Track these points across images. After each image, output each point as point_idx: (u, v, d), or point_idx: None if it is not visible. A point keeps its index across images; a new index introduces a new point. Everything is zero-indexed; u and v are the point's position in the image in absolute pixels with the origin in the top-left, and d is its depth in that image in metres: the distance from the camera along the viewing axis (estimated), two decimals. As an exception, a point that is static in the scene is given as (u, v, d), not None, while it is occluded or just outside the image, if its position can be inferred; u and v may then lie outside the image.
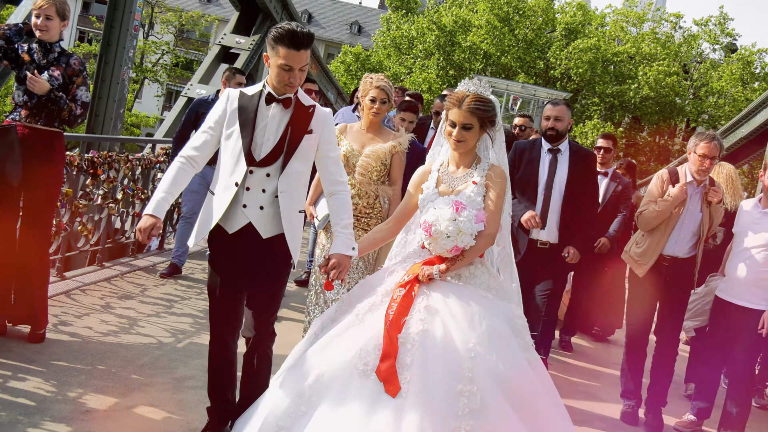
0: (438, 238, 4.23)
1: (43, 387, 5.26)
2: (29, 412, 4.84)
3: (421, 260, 4.42)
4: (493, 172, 4.49)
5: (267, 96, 4.31)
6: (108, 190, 8.71)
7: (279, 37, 4.09)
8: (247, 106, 4.30)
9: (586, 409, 6.99)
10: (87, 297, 7.65)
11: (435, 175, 4.62)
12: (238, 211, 4.31)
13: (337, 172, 4.52)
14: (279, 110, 4.31)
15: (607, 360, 9.14)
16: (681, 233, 6.39)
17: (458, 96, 4.39)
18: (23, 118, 5.89)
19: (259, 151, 4.28)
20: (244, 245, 4.36)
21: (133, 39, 10.21)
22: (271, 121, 4.30)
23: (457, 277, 4.33)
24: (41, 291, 6.08)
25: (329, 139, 4.48)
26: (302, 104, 4.37)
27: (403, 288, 4.20)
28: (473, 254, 4.36)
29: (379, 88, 6.20)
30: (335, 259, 4.32)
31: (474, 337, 3.92)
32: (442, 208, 4.27)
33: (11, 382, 5.25)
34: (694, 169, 6.31)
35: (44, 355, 5.85)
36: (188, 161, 4.33)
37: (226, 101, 4.35)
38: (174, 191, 4.29)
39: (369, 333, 4.06)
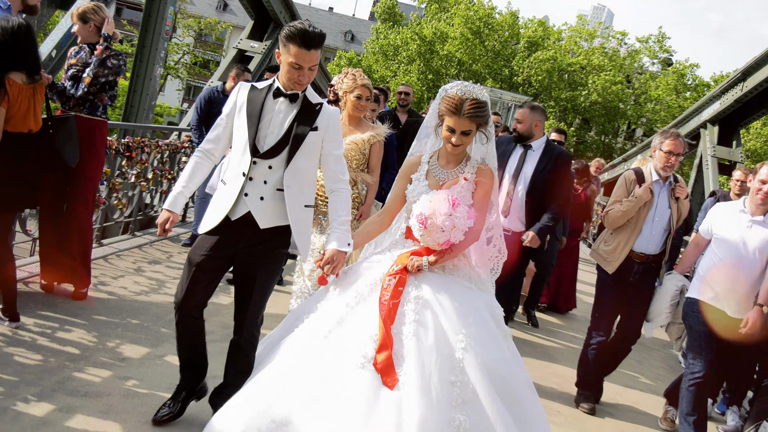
0: (433, 231, 3.82)
1: (86, 338, 5.25)
2: (74, 359, 4.83)
3: (408, 250, 4.00)
4: (483, 171, 4.09)
5: (275, 90, 3.90)
6: (140, 170, 8.72)
7: (291, 36, 3.71)
8: (255, 99, 3.91)
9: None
10: (121, 261, 7.63)
11: (425, 167, 4.17)
12: (240, 200, 3.89)
13: (339, 170, 4.07)
14: (286, 105, 3.91)
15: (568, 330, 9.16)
16: (652, 230, 5.84)
17: (455, 102, 3.92)
18: (71, 108, 5.89)
19: (263, 143, 3.87)
20: (241, 232, 3.93)
21: (164, 41, 10.19)
22: (276, 115, 3.90)
23: (441, 269, 3.95)
24: (85, 255, 6.06)
25: (334, 137, 4.03)
26: (309, 101, 3.95)
27: (393, 277, 3.76)
28: (461, 249, 3.98)
29: (365, 86, 5.89)
30: (330, 254, 3.91)
31: (463, 327, 3.57)
32: (440, 201, 3.85)
33: (58, 333, 5.23)
34: (659, 166, 5.83)
35: (86, 311, 5.84)
36: (205, 154, 4.04)
37: (237, 94, 3.99)
38: (191, 185, 4.02)
39: (363, 324, 3.62)
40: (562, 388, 6.55)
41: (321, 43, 3.79)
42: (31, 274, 6.37)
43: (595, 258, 6.15)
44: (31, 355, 4.77)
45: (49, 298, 6.01)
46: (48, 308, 5.72)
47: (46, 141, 5.22)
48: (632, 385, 7.24)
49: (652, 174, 5.85)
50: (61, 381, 4.47)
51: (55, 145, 5.25)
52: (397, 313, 3.61)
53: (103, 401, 4.29)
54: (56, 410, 4.10)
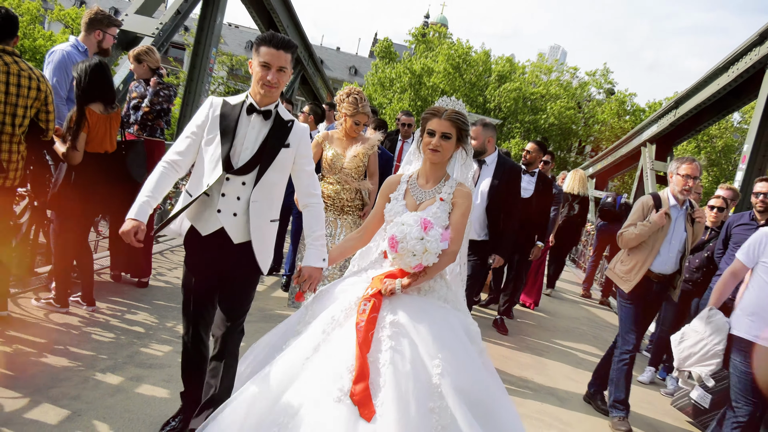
0: (404, 255, 3.18)
1: (149, 319, 5.24)
2: (141, 337, 4.82)
3: (383, 272, 3.35)
4: (460, 191, 3.40)
5: (248, 107, 3.26)
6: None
7: (261, 39, 3.22)
8: (230, 115, 3.25)
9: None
10: (175, 256, 7.63)
11: (404, 186, 3.49)
12: (212, 216, 3.25)
13: (311, 185, 3.44)
14: (259, 121, 3.26)
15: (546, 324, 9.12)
16: (669, 252, 5.15)
17: (438, 108, 3.38)
18: (136, 132, 5.92)
19: (237, 159, 3.22)
20: (215, 248, 3.29)
21: (208, 76, 10.19)
22: (250, 131, 3.25)
23: (417, 290, 3.30)
24: (147, 251, 6.06)
25: (305, 153, 3.38)
26: (282, 118, 3.32)
27: (368, 302, 3.11)
28: (435, 271, 3.31)
29: (364, 114, 5.45)
30: (306, 271, 3.35)
31: (439, 351, 2.98)
32: (411, 225, 3.20)
33: (127, 315, 5.22)
34: (677, 190, 5.11)
35: (148, 297, 5.82)
36: (171, 165, 3.27)
37: (209, 107, 3.29)
38: (156, 195, 3.23)
39: (339, 353, 2.99)
40: (535, 360, 6.57)
41: (288, 47, 3.21)
42: (103, 266, 6.36)
43: (611, 277, 5.45)
44: (105, 333, 4.77)
45: (117, 286, 6.00)
46: (117, 295, 5.72)
47: (119, 160, 5.22)
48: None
49: (670, 199, 5.20)
50: (130, 355, 4.46)
51: (126, 163, 5.25)
52: (373, 340, 3.00)
53: (165, 371, 4.28)
54: (127, 379, 4.09)
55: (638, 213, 5.25)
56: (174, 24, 9.53)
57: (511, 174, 5.91)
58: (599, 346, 7.76)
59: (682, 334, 4.72)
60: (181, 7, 9.65)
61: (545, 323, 8.44)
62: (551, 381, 5.97)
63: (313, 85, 16.84)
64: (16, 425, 3.29)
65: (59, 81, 5.36)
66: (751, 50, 10.37)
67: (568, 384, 6.01)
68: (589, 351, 7.44)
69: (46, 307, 4.99)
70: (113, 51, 6.51)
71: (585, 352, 7.35)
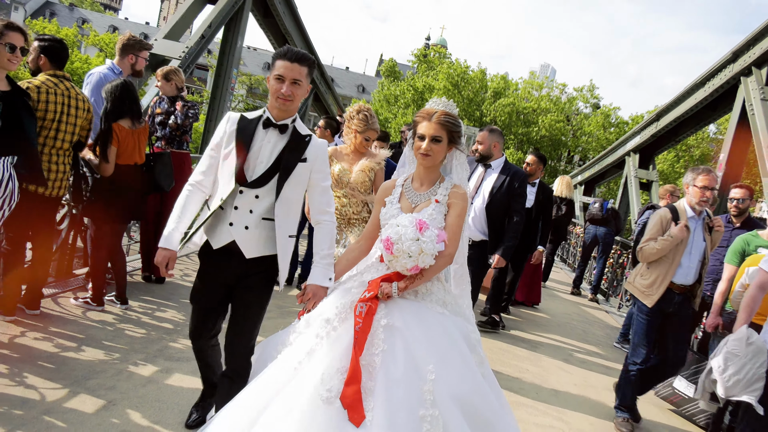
0: (399, 256, 2.87)
1: (177, 316, 5.25)
2: (170, 332, 4.83)
3: (379, 275, 3.00)
4: (456, 193, 3.06)
5: (265, 121, 3.03)
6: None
7: (277, 53, 3.00)
8: (246, 129, 3.02)
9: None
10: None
11: (399, 189, 3.16)
12: (224, 229, 3.00)
13: (325, 201, 3.13)
14: (275, 135, 3.03)
15: (539, 324, 9.08)
16: (690, 263, 4.75)
17: (428, 111, 3.06)
18: (164, 145, 5.95)
19: (251, 173, 2.98)
20: (227, 262, 3.04)
21: (230, 95, 10.24)
22: (266, 145, 3.01)
23: (414, 294, 2.96)
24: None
25: (321, 168, 3.10)
26: (299, 133, 3.07)
27: (365, 304, 2.81)
28: (432, 273, 2.97)
29: (374, 131, 5.07)
30: (311, 290, 3.04)
31: (433, 356, 2.67)
32: (406, 226, 2.89)
33: (157, 313, 5.23)
34: (695, 201, 4.72)
35: (176, 296, 5.83)
36: (195, 186, 3.09)
37: (226, 123, 3.08)
38: (184, 219, 3.07)
39: (332, 356, 2.71)
40: (531, 350, 6.54)
41: (303, 61, 2.98)
42: (135, 268, 6.37)
43: (632, 291, 5.02)
44: (137, 329, 4.77)
45: (148, 286, 6.01)
46: (148, 294, 5.72)
47: (148, 171, 5.24)
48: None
49: (687, 210, 4.81)
50: (160, 349, 4.46)
51: (155, 174, 5.26)
52: (367, 343, 2.71)
53: (192, 364, 4.26)
54: (158, 371, 4.09)
55: (657, 227, 4.84)
56: (198, 47, 9.58)
57: (515, 177, 5.65)
58: (588, 340, 7.73)
59: (725, 360, 3.95)
60: (205, 32, 9.71)
61: (540, 319, 8.41)
62: (545, 372, 5.95)
63: (325, 101, 16.88)
64: (57, 413, 3.30)
65: (96, 100, 5.39)
66: (726, 67, 10.35)
67: (561, 375, 5.98)
68: (580, 345, 7.40)
69: (84, 305, 5.00)
70: (145, 72, 6.52)
71: (576, 346, 7.32)
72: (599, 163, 17.18)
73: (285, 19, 12.48)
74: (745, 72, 9.70)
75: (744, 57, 9.79)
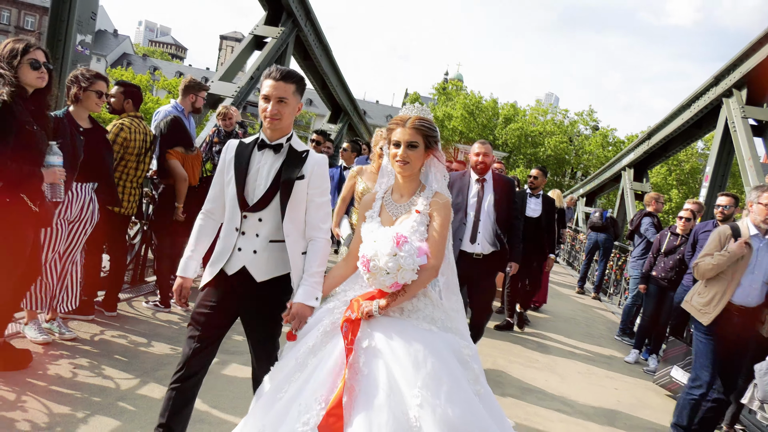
0: (377, 274, 2.36)
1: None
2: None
3: (363, 292, 2.51)
4: (437, 200, 2.53)
5: (260, 143, 2.64)
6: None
7: (263, 74, 2.64)
8: (242, 153, 2.65)
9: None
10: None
11: (379, 203, 2.64)
12: (234, 255, 2.62)
13: (319, 217, 2.66)
14: (271, 156, 2.63)
15: (548, 326, 8.91)
16: (752, 283, 4.00)
17: (402, 117, 2.56)
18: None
19: (252, 196, 2.60)
20: (238, 287, 2.62)
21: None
22: (262, 167, 2.62)
23: (399, 311, 2.43)
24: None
25: (318, 184, 2.66)
26: (295, 150, 2.66)
27: (347, 324, 2.31)
28: (415, 289, 2.43)
29: None
30: (296, 309, 2.51)
31: (419, 379, 2.15)
32: (383, 241, 2.38)
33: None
34: (760, 219, 4.02)
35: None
36: (207, 215, 2.75)
37: (226, 151, 2.71)
38: (199, 248, 2.75)
39: (311, 382, 2.25)
40: (540, 341, 6.42)
41: (289, 78, 2.57)
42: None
43: (688, 310, 4.31)
44: (198, 327, 4.80)
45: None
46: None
47: (202, 191, 5.32)
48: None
49: (750, 228, 4.11)
50: (218, 344, 4.48)
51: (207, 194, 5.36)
52: (347, 367, 2.22)
53: (245, 357, 4.27)
54: (216, 363, 4.10)
55: (714, 243, 4.18)
56: (249, 87, 9.74)
57: (507, 185, 5.02)
58: (592, 334, 7.57)
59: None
60: (254, 74, 9.86)
61: (547, 314, 8.26)
62: (553, 362, 5.83)
63: (358, 131, 16.96)
64: (130, 399, 3.33)
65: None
66: (709, 90, 10.16)
67: (567, 364, 5.86)
68: (584, 339, 7.25)
69: (153, 307, 5.06)
70: (203, 109, 6.65)
71: (580, 339, 7.17)
72: (598, 178, 16.95)
73: (321, 60, 12.60)
74: (727, 94, 9.52)
75: (725, 80, 9.60)
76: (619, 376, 5.83)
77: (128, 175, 4.62)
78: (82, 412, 3.09)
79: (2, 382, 3.19)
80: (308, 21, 11.05)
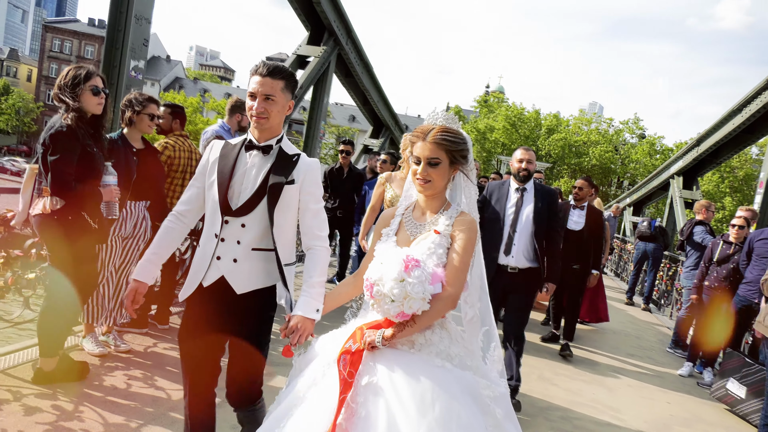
0: (381, 301, 2.02)
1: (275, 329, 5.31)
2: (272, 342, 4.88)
3: (368, 321, 2.15)
4: (462, 221, 2.15)
5: (248, 143, 2.40)
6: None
7: (251, 70, 2.38)
8: (228, 155, 2.40)
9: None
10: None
11: (397, 219, 2.28)
12: (212, 264, 2.35)
13: (315, 225, 2.41)
14: (259, 158, 2.38)
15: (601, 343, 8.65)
16: None
17: (423, 129, 2.20)
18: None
19: (236, 200, 2.34)
20: (218, 299, 2.35)
21: (318, 142, 10.60)
22: (249, 169, 2.37)
23: (410, 344, 2.05)
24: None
25: (310, 189, 2.41)
26: (285, 153, 2.40)
27: (347, 356, 1.99)
28: (428, 320, 2.05)
29: None
30: (296, 321, 2.20)
31: (424, 426, 1.81)
32: (390, 264, 2.02)
33: (262, 326, 5.33)
34: None
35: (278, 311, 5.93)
36: (176, 217, 2.46)
37: (209, 151, 2.47)
38: (161, 252, 2.45)
39: (309, 421, 1.95)
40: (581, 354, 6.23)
41: (276, 73, 2.32)
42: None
43: (762, 331, 4.05)
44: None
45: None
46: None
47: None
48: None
49: None
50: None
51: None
52: (345, 405, 1.92)
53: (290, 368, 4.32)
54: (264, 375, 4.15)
55: None
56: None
57: (549, 196, 4.55)
58: (642, 346, 7.29)
59: None
60: (297, 93, 10.07)
61: (595, 326, 8.02)
62: (602, 374, 5.64)
63: (399, 145, 17.04)
64: (180, 410, 3.39)
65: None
66: (761, 94, 9.76)
67: (617, 377, 5.66)
68: (634, 351, 7.00)
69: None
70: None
71: (630, 351, 6.92)
72: (646, 186, 16.45)
73: (363, 77, 12.74)
74: (781, 96, 9.11)
75: (779, 82, 9.20)
76: (672, 389, 5.59)
77: (175, 192, 4.75)
78: (135, 422, 3.17)
79: (62, 393, 3.32)
80: (349, 39, 11.21)
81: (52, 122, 3.28)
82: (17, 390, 3.27)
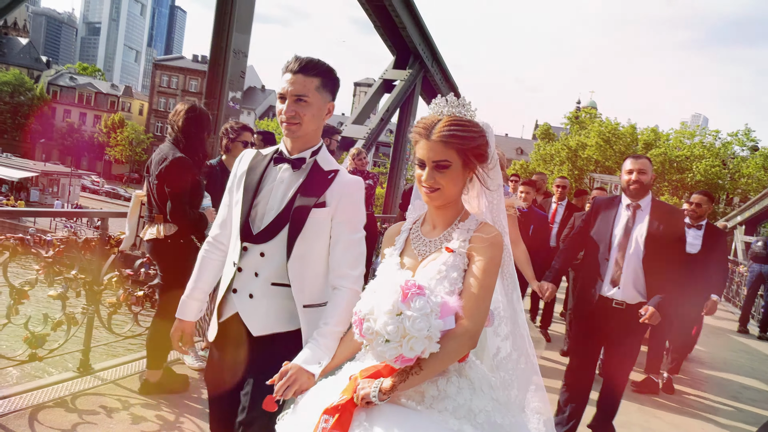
0: (373, 340, 1.50)
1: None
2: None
3: (365, 367, 1.62)
4: (482, 235, 1.65)
5: (277, 156, 1.98)
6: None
7: (282, 68, 1.95)
8: (256, 168, 2.00)
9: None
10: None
11: (403, 236, 1.79)
12: (228, 297, 1.99)
13: (346, 261, 1.92)
14: (289, 173, 1.96)
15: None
16: None
17: (426, 122, 1.67)
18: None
19: (258, 223, 1.94)
20: (236, 340, 1.97)
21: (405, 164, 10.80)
22: (277, 186, 1.95)
23: (419, 397, 1.54)
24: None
25: (346, 216, 1.93)
26: (320, 168, 1.96)
27: (331, 417, 1.48)
28: (437, 365, 1.51)
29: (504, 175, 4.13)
30: (292, 371, 1.71)
31: None
32: (384, 293, 1.51)
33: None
34: None
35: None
36: (211, 244, 2.12)
37: (239, 162, 2.07)
38: (201, 285, 2.11)
39: None
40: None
41: (309, 69, 1.91)
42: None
43: None
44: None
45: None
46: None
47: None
48: None
49: None
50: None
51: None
52: None
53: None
54: None
55: None
56: (379, 128, 10.19)
57: (671, 215, 3.62)
58: (757, 377, 6.64)
59: None
60: (384, 116, 10.34)
61: (702, 356, 7.42)
62: (713, 409, 5.19)
63: (487, 164, 16.96)
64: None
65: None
66: None
67: (730, 411, 5.18)
68: (748, 383, 6.39)
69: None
70: (337, 152, 7.05)
71: (744, 384, 6.33)
72: (760, 203, 15.16)
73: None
74: None
75: None
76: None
77: None
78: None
79: (165, 404, 3.53)
80: (434, 62, 11.34)
81: (165, 154, 3.54)
82: (126, 399, 3.52)
